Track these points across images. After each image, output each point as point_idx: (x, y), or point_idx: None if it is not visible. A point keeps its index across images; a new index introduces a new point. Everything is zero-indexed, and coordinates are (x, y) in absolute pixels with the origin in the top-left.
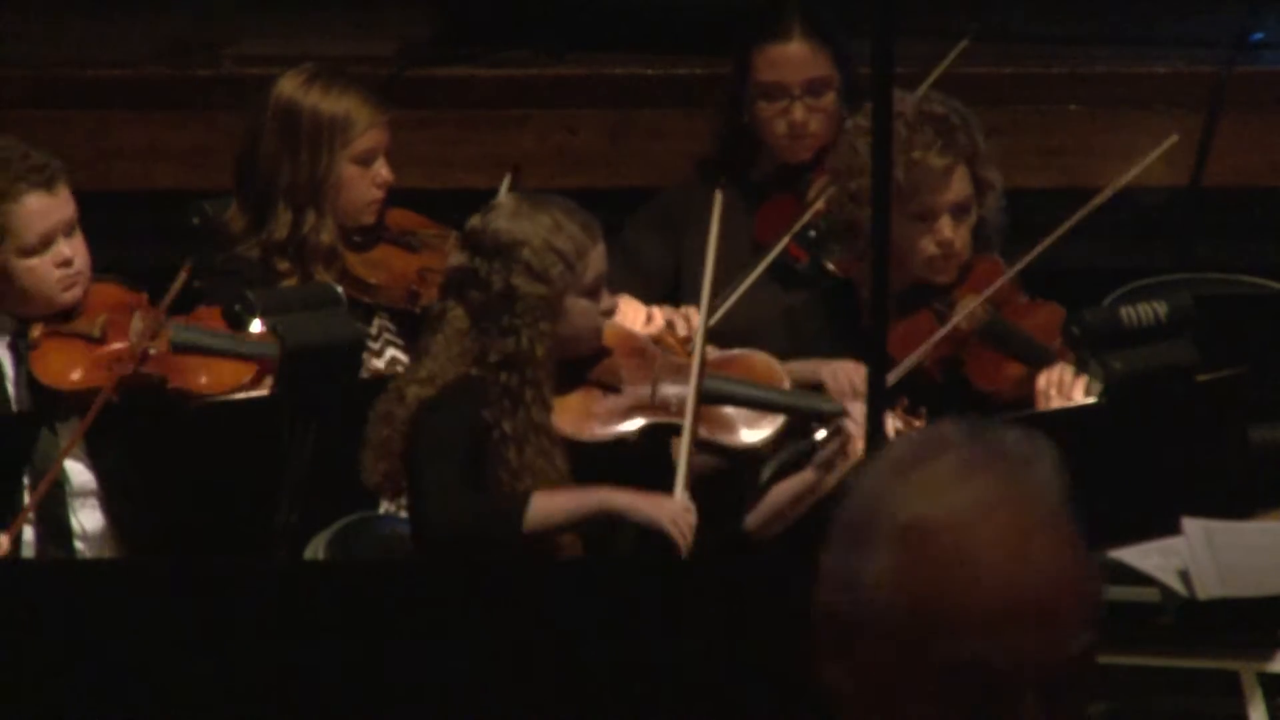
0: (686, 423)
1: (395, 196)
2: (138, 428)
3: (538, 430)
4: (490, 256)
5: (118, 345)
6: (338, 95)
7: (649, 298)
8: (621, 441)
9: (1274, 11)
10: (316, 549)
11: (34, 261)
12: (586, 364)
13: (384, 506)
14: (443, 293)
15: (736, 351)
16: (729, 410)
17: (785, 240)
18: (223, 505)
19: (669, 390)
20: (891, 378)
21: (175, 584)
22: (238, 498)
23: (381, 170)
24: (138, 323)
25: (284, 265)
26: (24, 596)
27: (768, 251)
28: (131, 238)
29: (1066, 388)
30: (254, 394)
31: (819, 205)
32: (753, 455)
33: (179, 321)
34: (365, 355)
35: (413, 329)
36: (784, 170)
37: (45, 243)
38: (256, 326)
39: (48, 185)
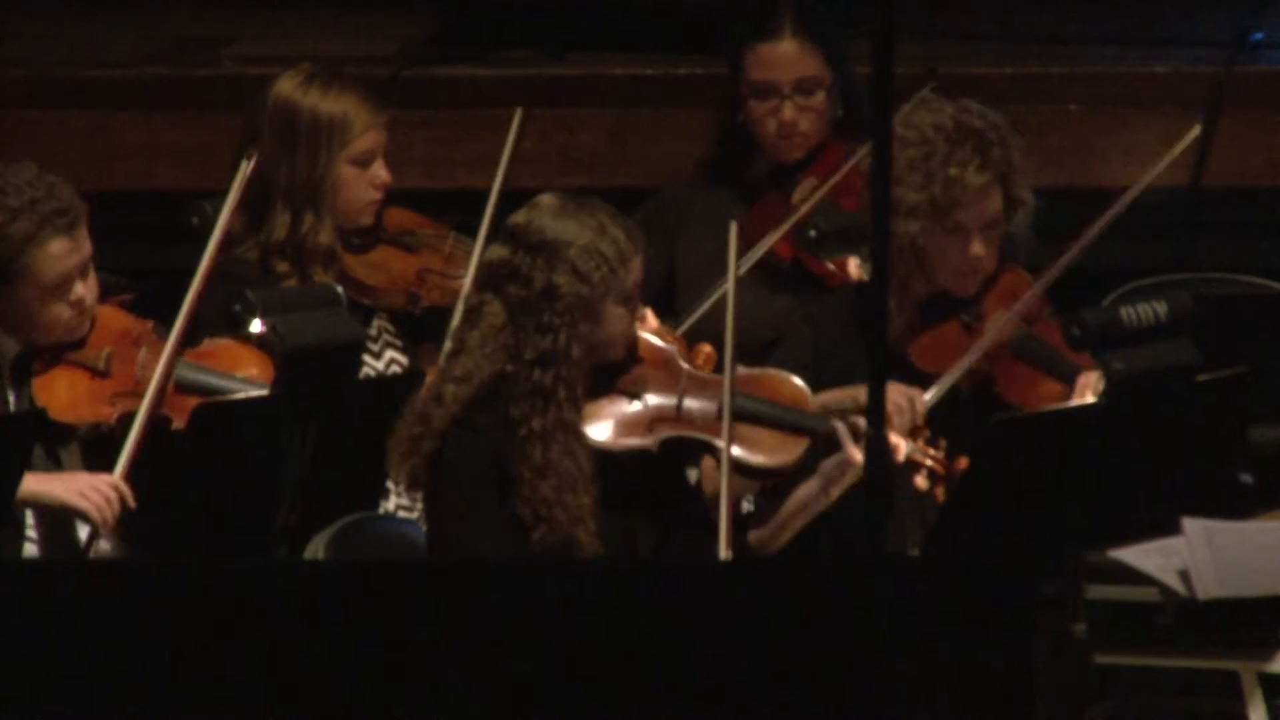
0: (724, 441)
1: (395, 196)
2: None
3: (566, 429)
4: (534, 253)
5: (123, 379)
6: (336, 96)
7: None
8: (643, 451)
9: (1274, 11)
10: (316, 549)
11: (48, 302)
12: (614, 371)
13: (384, 506)
14: (479, 286)
15: (761, 371)
16: (754, 429)
17: (772, 239)
18: (223, 505)
19: (694, 404)
20: (930, 396)
21: (175, 584)
22: (238, 498)
23: (379, 172)
24: (143, 356)
25: (282, 267)
26: (24, 596)
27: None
28: (131, 238)
29: None
30: (254, 394)
31: (805, 209)
32: (777, 476)
33: (188, 359)
34: (364, 356)
35: (412, 330)
36: (776, 170)
37: (63, 284)
38: (256, 326)
39: (69, 230)
